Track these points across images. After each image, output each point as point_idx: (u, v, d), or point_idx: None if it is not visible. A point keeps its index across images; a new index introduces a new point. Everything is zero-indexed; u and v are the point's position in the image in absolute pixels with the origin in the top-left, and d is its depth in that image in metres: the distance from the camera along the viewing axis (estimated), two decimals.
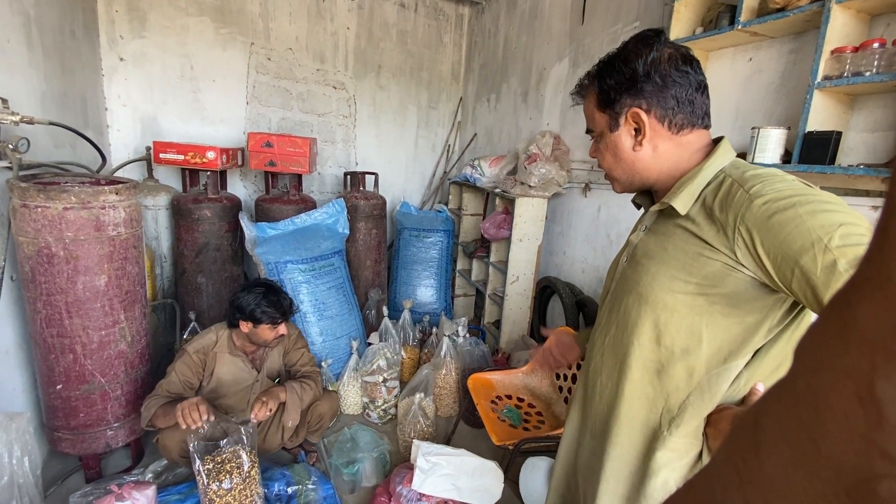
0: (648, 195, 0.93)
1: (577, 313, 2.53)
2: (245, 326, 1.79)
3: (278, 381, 2.02)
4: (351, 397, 2.48)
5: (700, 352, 0.74)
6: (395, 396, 2.51)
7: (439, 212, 3.67)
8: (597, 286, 2.63)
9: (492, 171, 3.13)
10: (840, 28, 1.32)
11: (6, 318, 1.80)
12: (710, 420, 0.77)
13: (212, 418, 1.57)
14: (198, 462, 1.52)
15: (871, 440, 0.19)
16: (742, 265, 0.66)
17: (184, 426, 1.52)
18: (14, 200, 1.59)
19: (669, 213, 0.78)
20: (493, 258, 3.05)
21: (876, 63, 1.20)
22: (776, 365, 0.74)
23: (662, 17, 2.08)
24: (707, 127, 0.77)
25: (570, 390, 2.00)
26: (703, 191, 0.73)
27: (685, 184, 0.74)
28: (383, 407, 2.47)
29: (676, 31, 1.83)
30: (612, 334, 0.87)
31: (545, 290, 2.91)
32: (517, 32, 3.40)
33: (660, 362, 0.78)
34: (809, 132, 1.36)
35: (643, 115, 0.73)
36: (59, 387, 1.73)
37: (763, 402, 0.26)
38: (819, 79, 1.33)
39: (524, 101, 3.33)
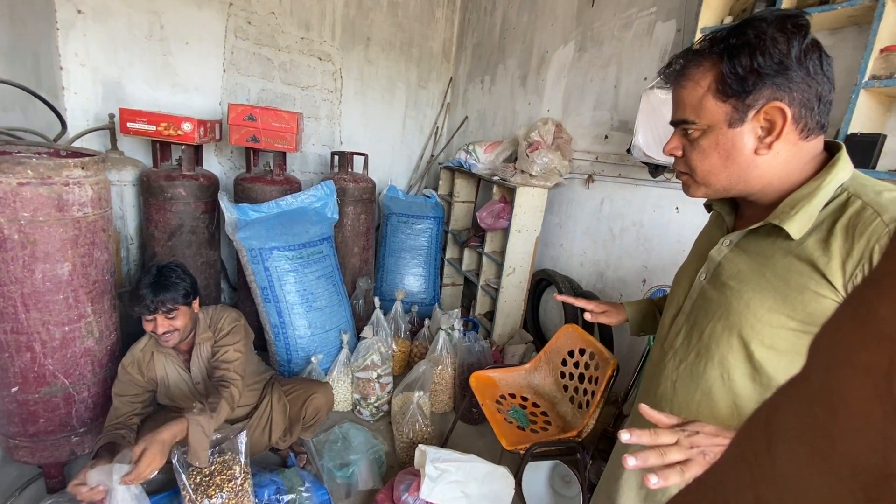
0: (729, 201, 0.83)
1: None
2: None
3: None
4: (341, 394, 2.34)
5: None
6: (389, 392, 2.40)
7: (428, 197, 3.52)
8: (596, 281, 2.58)
9: (487, 157, 3.00)
10: (892, 25, 1.26)
11: None
12: None
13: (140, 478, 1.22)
14: (182, 476, 1.36)
15: (889, 437, 0.19)
16: None
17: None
18: None
19: (769, 231, 0.68)
20: (487, 248, 2.94)
21: None
22: None
23: (685, 1, 1.98)
24: (825, 133, 0.67)
25: (575, 389, 1.95)
26: (821, 211, 0.64)
27: (801, 202, 0.64)
28: (376, 404, 2.35)
29: (705, 20, 1.74)
30: (691, 362, 0.78)
31: (540, 282, 2.84)
32: (517, 11, 3.24)
33: (755, 401, 0.70)
34: (853, 134, 1.31)
35: (786, 111, 0.61)
36: (14, 389, 1.51)
37: (776, 399, 0.26)
38: (866, 78, 1.28)
39: (522, 84, 3.19)
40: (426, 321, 2.90)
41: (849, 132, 1.32)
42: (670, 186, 2.12)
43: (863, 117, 1.32)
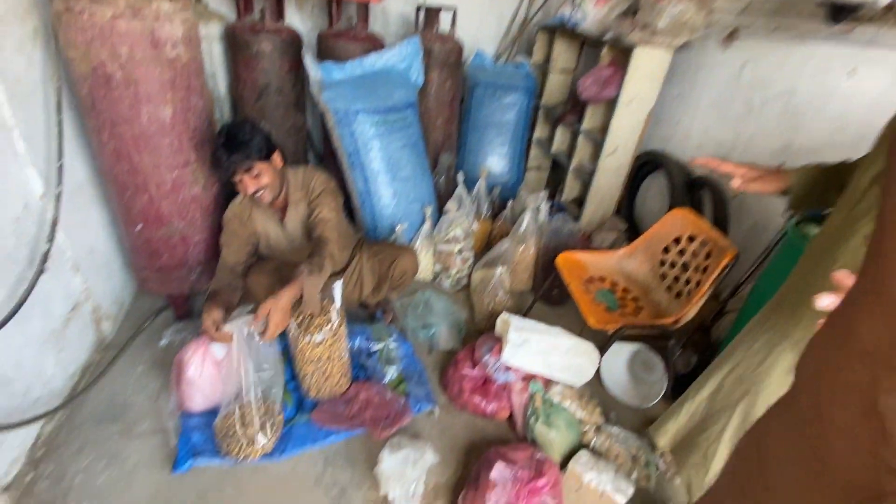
0: None
1: (687, 196, 2.18)
2: None
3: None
4: (423, 264, 2.38)
5: None
6: (469, 267, 2.40)
7: (519, 66, 3.12)
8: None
9: (598, 12, 2.50)
10: None
11: (74, 151, 1.66)
12: None
13: (221, 332, 1.43)
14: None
15: (877, 455, 0.19)
16: None
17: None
18: (56, 3, 1.31)
19: None
20: (585, 125, 2.62)
21: None
22: None
23: None
24: None
25: (675, 279, 1.78)
26: None
27: None
28: (456, 276, 2.37)
29: None
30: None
31: (644, 166, 2.52)
32: None
33: None
34: None
35: None
36: (139, 227, 1.66)
37: (766, 420, 0.28)
38: None
39: None
40: (508, 202, 2.76)
41: None
42: (848, 41, 1.63)
43: None
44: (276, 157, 1.59)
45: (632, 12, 2.34)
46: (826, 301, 0.51)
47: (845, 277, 0.56)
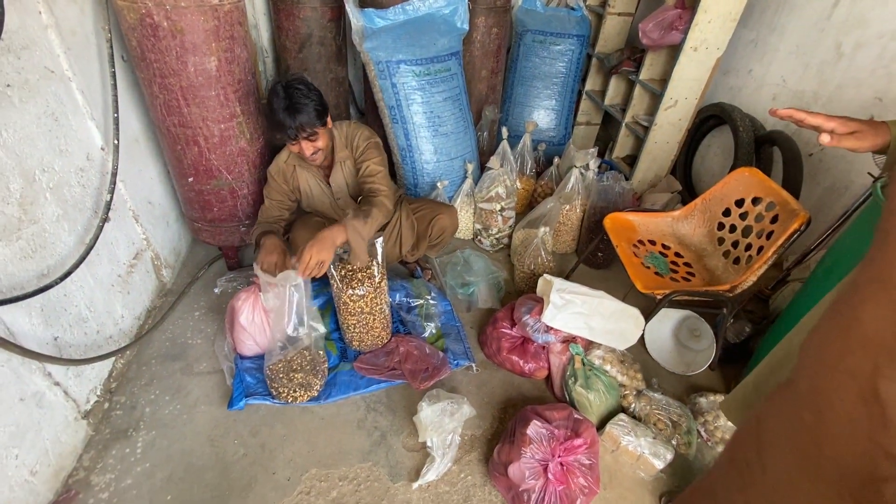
0: None
1: (754, 154, 1.99)
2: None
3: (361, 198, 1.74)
4: (463, 222, 2.35)
5: None
6: (510, 227, 2.34)
7: (573, 9, 2.88)
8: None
9: None
10: None
11: (128, 104, 1.71)
12: None
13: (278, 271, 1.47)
14: (332, 268, 1.49)
15: (875, 441, 0.20)
16: None
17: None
18: None
19: None
20: (643, 75, 2.41)
21: None
22: None
23: None
24: None
25: (734, 244, 1.66)
26: None
27: None
28: (497, 236, 2.33)
29: None
30: None
31: (707, 120, 2.32)
32: None
33: None
34: None
35: None
36: (190, 179, 1.71)
37: (765, 405, 0.26)
38: None
39: None
40: (555, 160, 2.64)
41: None
42: None
43: None
44: (329, 119, 1.58)
45: None
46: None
47: None
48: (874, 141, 0.82)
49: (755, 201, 1.62)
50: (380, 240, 1.50)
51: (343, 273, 1.51)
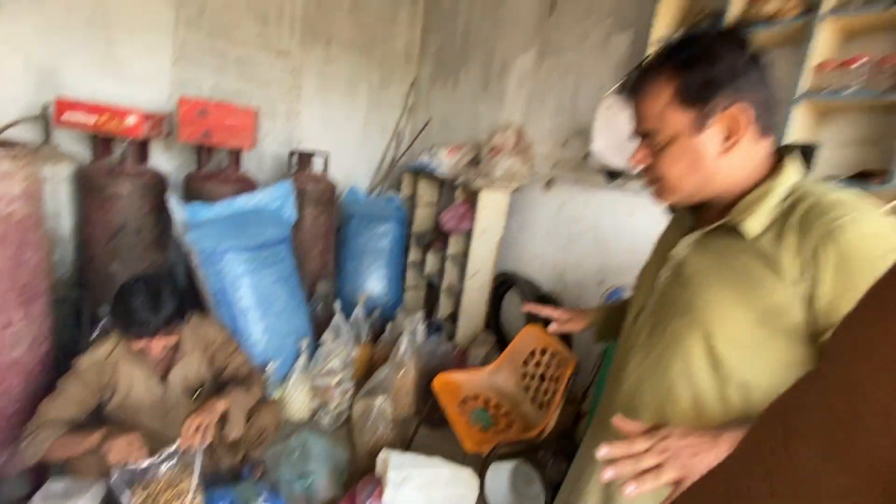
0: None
1: None
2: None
3: (198, 395, 1.63)
4: (299, 401, 2.26)
5: (760, 385, 0.69)
6: (349, 399, 2.34)
7: (390, 199, 3.48)
8: (556, 282, 2.64)
9: (450, 160, 3.01)
10: (824, 43, 1.37)
11: None
12: None
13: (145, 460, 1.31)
14: (127, 493, 1.26)
15: None
16: (797, 300, 0.63)
17: (115, 462, 1.24)
18: None
19: (727, 231, 0.72)
20: (450, 251, 2.95)
21: (859, 80, 1.26)
22: None
23: (640, 15, 2.07)
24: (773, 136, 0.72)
25: (536, 389, 1.98)
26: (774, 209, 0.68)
27: (756, 202, 0.68)
28: (336, 411, 2.28)
29: (658, 32, 1.82)
30: (655, 357, 0.80)
31: (502, 284, 2.87)
32: (479, 17, 3.28)
33: (714, 396, 0.73)
34: (790, 144, 1.41)
35: (748, 110, 0.64)
36: None
37: (792, 393, 0.26)
38: (802, 92, 1.38)
39: (485, 89, 3.23)
40: (388, 324, 2.86)
41: (786, 142, 1.42)
42: (624, 192, 2.21)
43: (799, 128, 1.43)
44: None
45: (476, 162, 2.87)
46: (602, 452, 0.62)
47: (621, 423, 0.70)
48: (583, 323, 1.18)
49: (543, 352, 2.00)
50: (200, 451, 1.35)
51: (143, 498, 1.28)
